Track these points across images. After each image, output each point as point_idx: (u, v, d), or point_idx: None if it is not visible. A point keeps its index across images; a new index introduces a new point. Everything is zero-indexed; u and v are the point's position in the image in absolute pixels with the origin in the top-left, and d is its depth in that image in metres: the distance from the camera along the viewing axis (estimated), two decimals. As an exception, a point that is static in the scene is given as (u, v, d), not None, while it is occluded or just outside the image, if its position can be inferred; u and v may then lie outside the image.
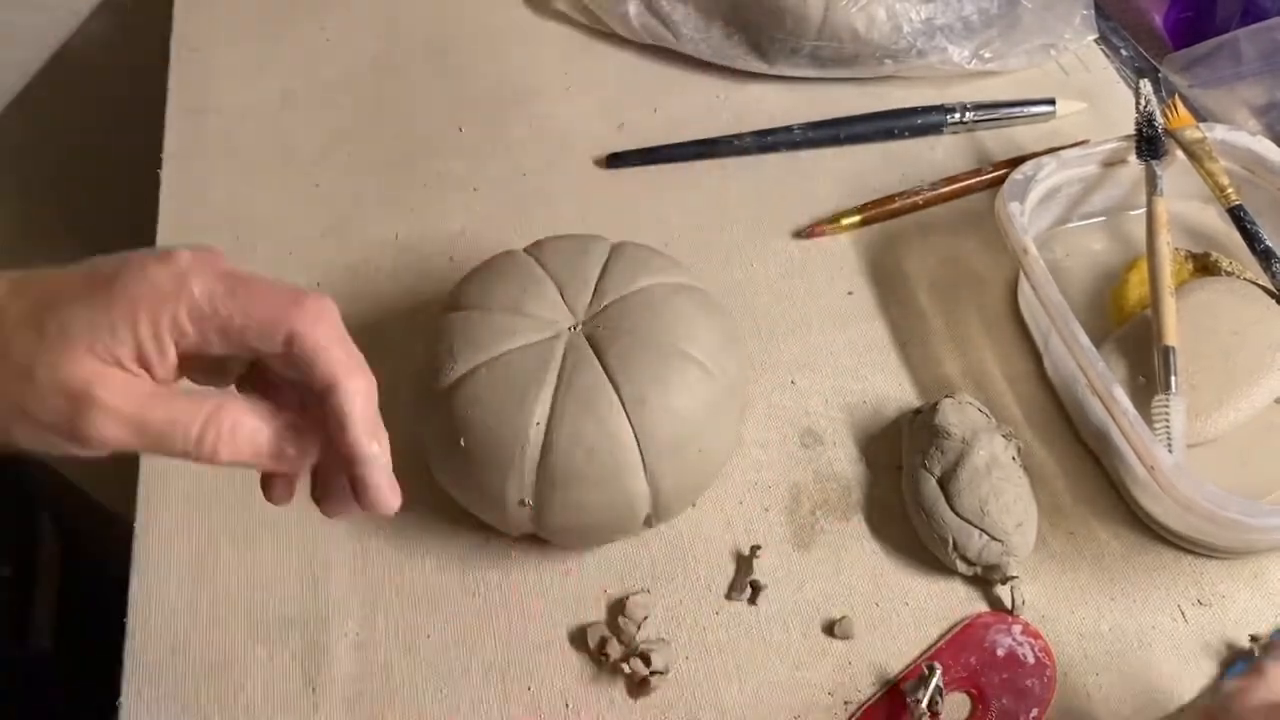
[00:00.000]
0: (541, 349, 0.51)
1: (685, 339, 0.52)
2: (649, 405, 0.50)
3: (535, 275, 0.54)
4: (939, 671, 0.49)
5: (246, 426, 0.36)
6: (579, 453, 0.49)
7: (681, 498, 0.53)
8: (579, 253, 0.55)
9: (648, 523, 0.53)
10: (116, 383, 0.35)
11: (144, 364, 0.35)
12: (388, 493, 0.37)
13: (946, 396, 0.56)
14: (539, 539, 0.55)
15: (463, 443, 0.50)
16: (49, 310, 0.35)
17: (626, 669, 0.51)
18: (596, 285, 0.54)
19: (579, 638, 0.52)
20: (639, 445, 0.50)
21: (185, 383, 0.38)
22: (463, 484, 0.53)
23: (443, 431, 0.51)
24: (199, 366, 0.38)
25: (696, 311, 0.54)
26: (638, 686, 0.51)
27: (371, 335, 0.57)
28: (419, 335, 0.56)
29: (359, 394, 0.37)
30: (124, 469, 0.59)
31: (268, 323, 0.36)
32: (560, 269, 0.55)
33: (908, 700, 0.49)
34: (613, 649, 0.51)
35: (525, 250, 0.56)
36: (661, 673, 0.51)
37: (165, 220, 0.69)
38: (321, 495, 0.40)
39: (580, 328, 0.53)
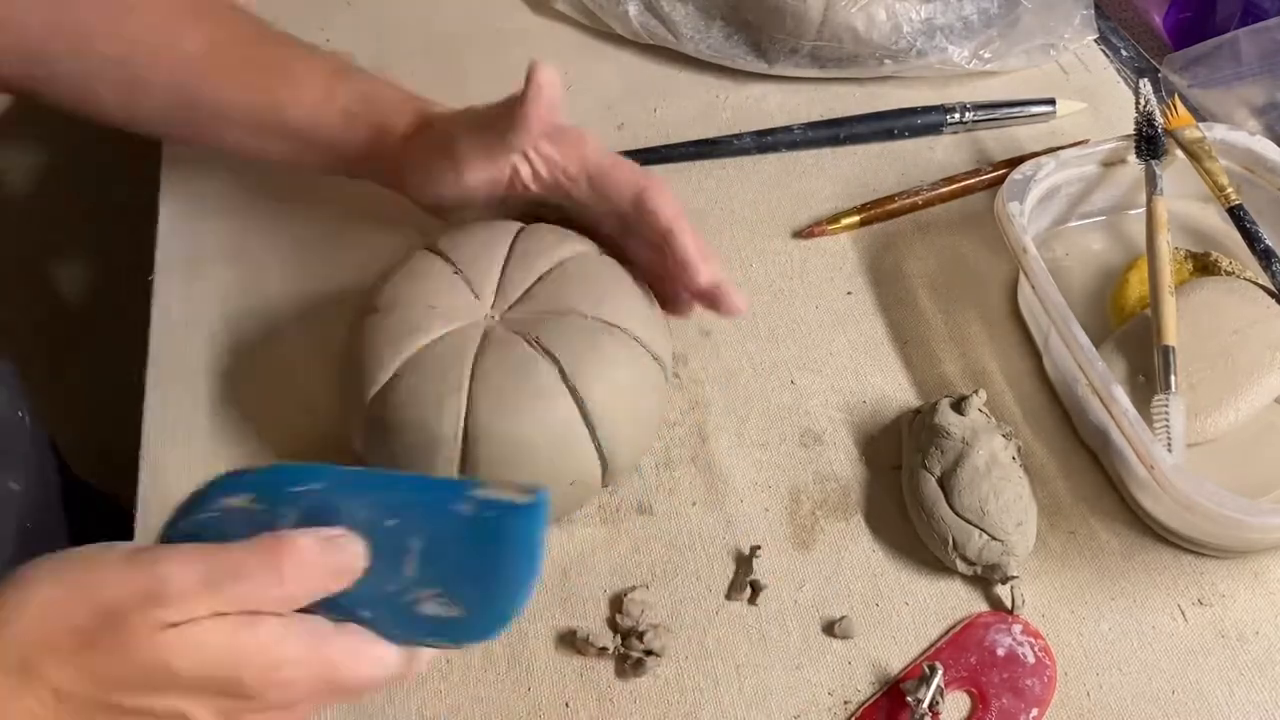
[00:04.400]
0: (455, 341, 0.52)
1: (609, 311, 0.53)
2: (585, 376, 0.51)
3: (443, 270, 0.55)
4: (940, 671, 0.49)
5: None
6: (510, 439, 0.50)
7: (631, 460, 0.54)
8: (485, 241, 0.56)
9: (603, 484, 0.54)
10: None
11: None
12: (735, 296, 0.54)
13: (974, 393, 0.56)
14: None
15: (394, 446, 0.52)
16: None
17: (621, 651, 0.51)
18: (504, 270, 0.55)
19: (579, 637, 0.52)
20: (584, 417, 0.51)
21: None
22: (341, 398, 0.55)
23: (373, 438, 0.53)
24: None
25: (609, 277, 0.55)
26: (631, 668, 0.51)
27: (371, 335, 0.57)
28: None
29: (688, 233, 0.54)
30: (125, 469, 0.59)
31: (627, 183, 0.55)
32: (468, 260, 0.55)
33: (908, 700, 0.49)
34: (610, 641, 0.51)
35: (428, 248, 0.57)
36: (656, 654, 0.51)
37: (165, 220, 0.69)
38: (671, 310, 0.57)
39: (496, 315, 0.53)
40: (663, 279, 0.56)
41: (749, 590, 0.54)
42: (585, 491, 0.54)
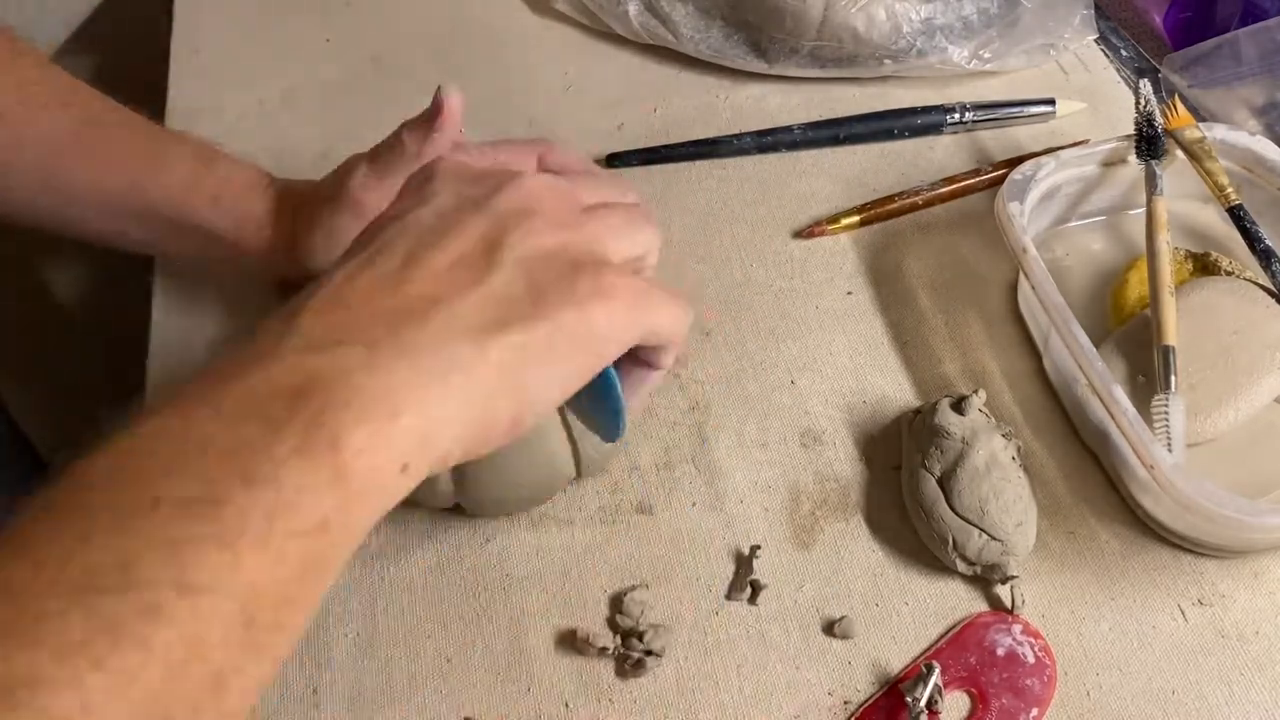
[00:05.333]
0: None
1: None
2: None
3: None
4: (937, 670, 0.49)
5: None
6: None
7: (604, 453, 0.54)
8: None
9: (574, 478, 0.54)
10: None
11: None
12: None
13: (974, 393, 0.56)
14: (540, 538, 0.55)
15: None
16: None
17: (621, 651, 0.51)
18: None
19: (578, 637, 0.52)
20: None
21: None
22: None
23: None
24: None
25: None
26: (631, 668, 0.51)
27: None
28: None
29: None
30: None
31: (524, 157, 0.55)
32: None
33: (906, 699, 0.49)
34: (609, 641, 0.51)
35: None
36: (656, 654, 0.51)
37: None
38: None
39: None
40: None
41: (749, 590, 0.54)
42: (557, 481, 0.54)
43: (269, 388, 0.32)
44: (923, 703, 0.49)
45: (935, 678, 0.49)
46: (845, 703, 0.51)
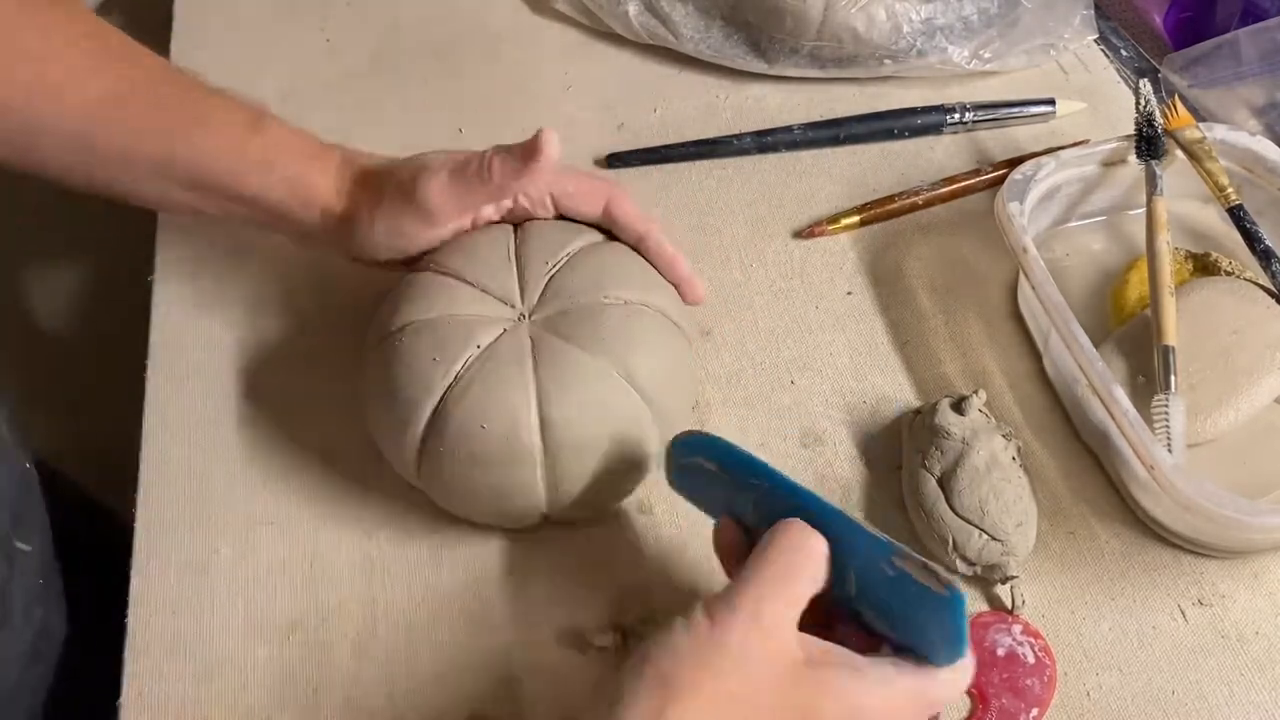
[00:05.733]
0: (504, 349, 0.52)
1: (630, 291, 0.54)
2: (631, 358, 0.51)
3: (453, 284, 0.55)
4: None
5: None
6: (474, 429, 0.50)
7: (679, 428, 0.53)
8: (485, 250, 0.56)
9: (545, 520, 0.54)
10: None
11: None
12: (699, 286, 0.58)
13: (974, 393, 0.56)
14: (540, 538, 0.55)
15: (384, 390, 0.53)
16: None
17: (621, 650, 0.51)
18: (519, 272, 0.55)
19: (579, 638, 0.52)
20: (543, 437, 0.50)
21: None
22: (377, 428, 0.55)
23: (432, 458, 0.52)
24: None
25: (619, 259, 0.56)
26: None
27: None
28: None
29: (659, 233, 0.57)
30: (124, 470, 0.59)
31: (592, 200, 0.57)
32: (476, 270, 0.55)
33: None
34: (610, 641, 0.51)
35: (423, 269, 0.56)
36: None
37: (165, 220, 0.69)
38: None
39: (530, 317, 0.53)
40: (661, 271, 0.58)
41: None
42: (647, 468, 0.54)
43: None
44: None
45: None
46: (845, 703, 0.51)
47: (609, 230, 0.58)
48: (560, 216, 0.58)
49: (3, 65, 0.53)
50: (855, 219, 0.69)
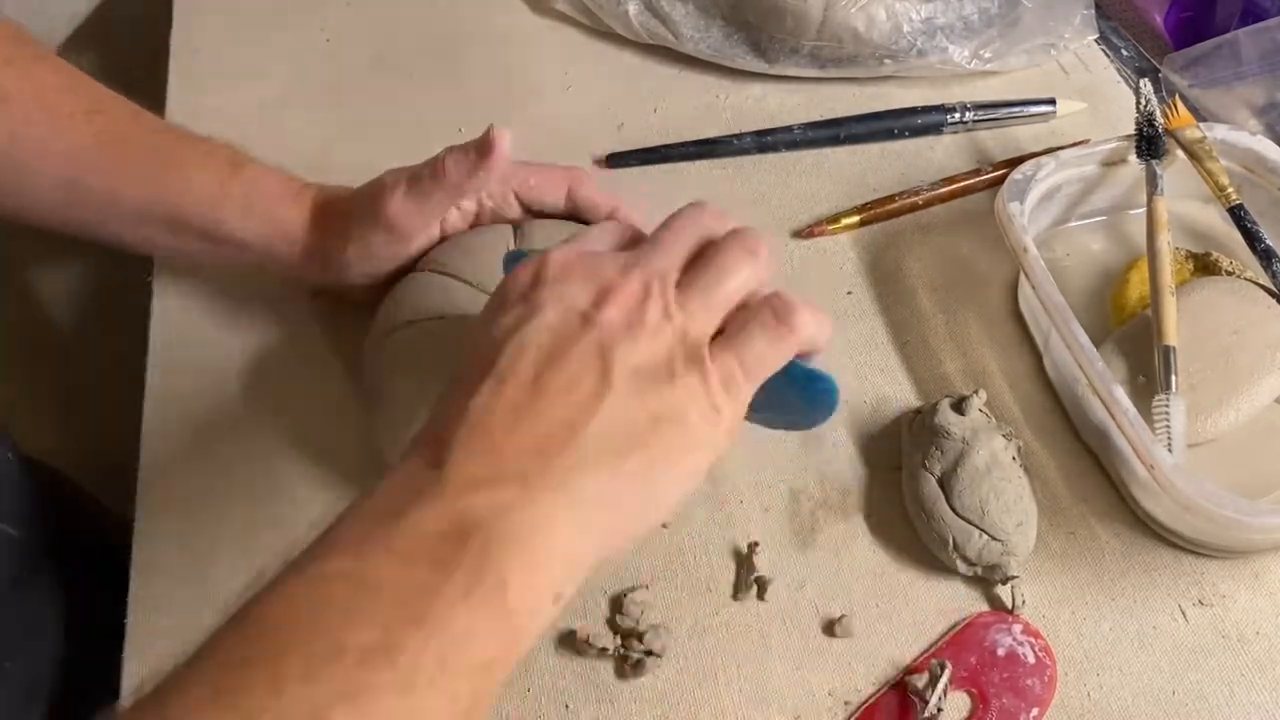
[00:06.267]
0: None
1: None
2: None
3: (455, 285, 0.55)
4: (949, 669, 0.49)
5: None
6: None
7: None
8: (484, 251, 0.56)
9: None
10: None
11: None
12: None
13: (974, 393, 0.56)
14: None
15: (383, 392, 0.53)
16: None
17: (621, 651, 0.51)
18: None
19: (578, 638, 0.52)
20: None
21: None
22: (377, 428, 0.55)
23: (372, 377, 0.52)
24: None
25: None
26: (631, 668, 0.51)
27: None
28: (419, 335, 0.56)
29: (625, 208, 0.59)
30: (124, 470, 0.59)
31: (555, 186, 0.58)
32: (477, 271, 0.55)
33: (913, 697, 0.49)
34: (610, 641, 0.51)
35: (423, 270, 0.56)
36: (656, 655, 0.51)
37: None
38: None
39: None
40: None
41: (755, 588, 0.54)
42: None
43: (435, 527, 0.34)
44: (932, 703, 0.49)
45: (946, 677, 0.49)
46: (845, 703, 0.51)
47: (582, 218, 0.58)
48: (529, 211, 0.58)
49: None
50: (855, 219, 0.69)
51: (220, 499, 0.57)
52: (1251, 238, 0.61)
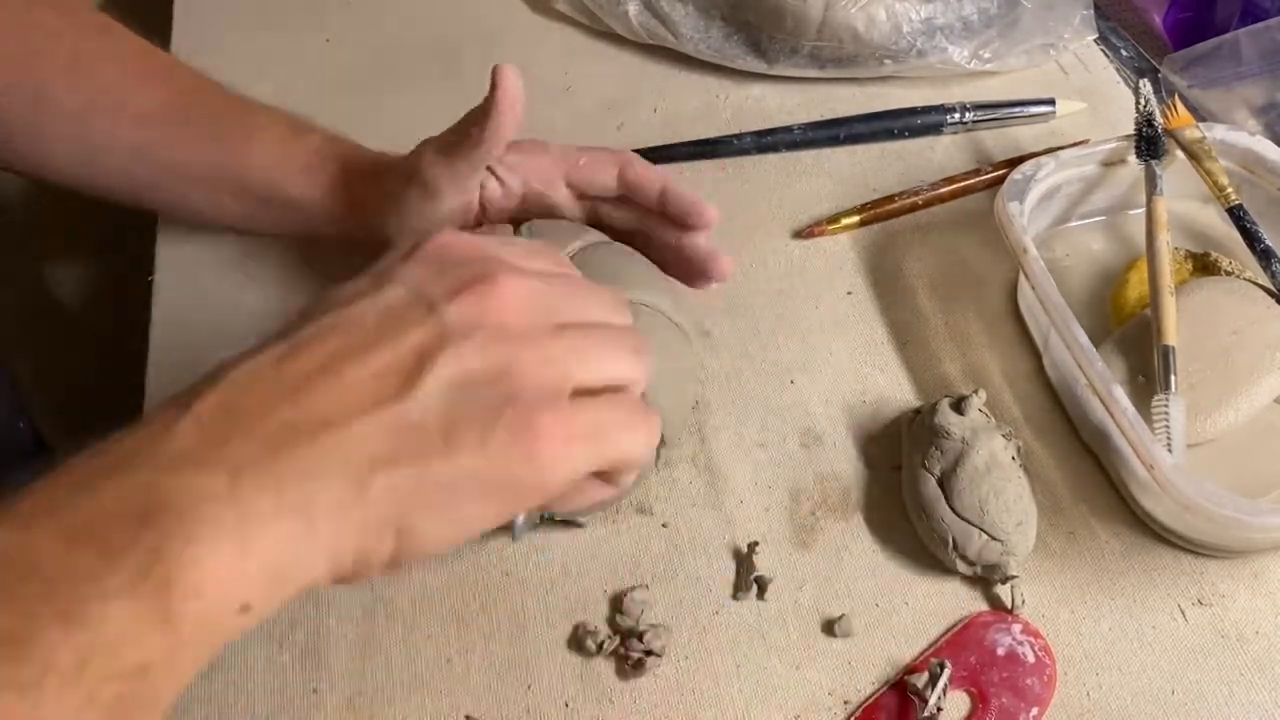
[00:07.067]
0: None
1: (633, 291, 0.53)
2: None
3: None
4: (949, 668, 0.49)
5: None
6: None
7: (679, 429, 0.54)
8: (559, 238, 0.56)
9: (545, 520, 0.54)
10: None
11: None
12: (725, 259, 0.56)
13: (974, 393, 0.56)
14: (540, 538, 0.55)
15: None
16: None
17: (621, 651, 0.51)
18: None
19: (578, 637, 0.52)
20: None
21: None
22: None
23: None
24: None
25: (622, 259, 0.56)
26: (632, 668, 0.51)
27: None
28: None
29: (679, 186, 0.56)
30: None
31: (607, 165, 0.56)
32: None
33: (913, 697, 0.49)
34: (609, 641, 0.51)
35: (516, 229, 0.56)
36: (656, 654, 0.51)
37: (165, 220, 0.69)
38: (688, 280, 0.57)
39: None
40: (670, 263, 0.57)
41: (755, 587, 0.54)
42: (646, 468, 0.54)
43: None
44: (932, 702, 0.49)
45: (946, 676, 0.49)
46: (845, 702, 0.51)
47: (614, 224, 0.58)
48: (581, 197, 0.57)
49: (66, 78, 0.56)
50: (855, 219, 0.69)
51: (220, 499, 0.57)
52: (1251, 238, 0.61)
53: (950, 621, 0.53)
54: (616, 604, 0.53)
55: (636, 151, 0.72)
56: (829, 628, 0.53)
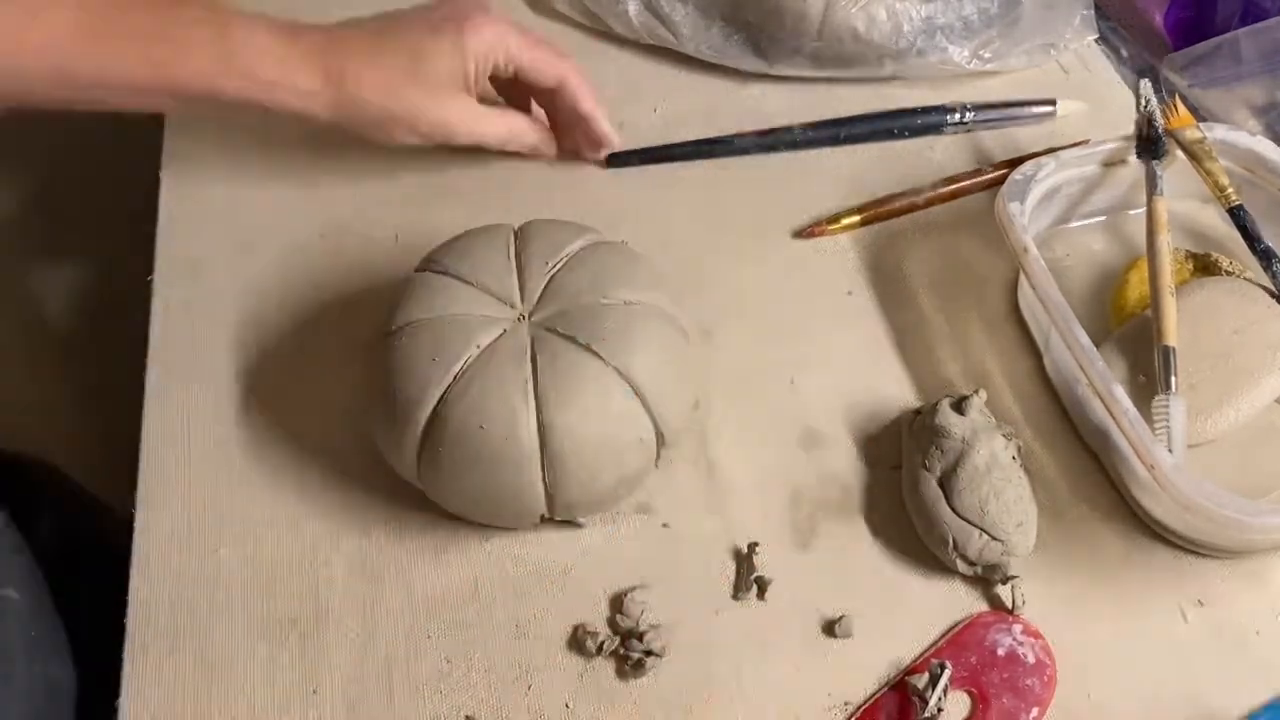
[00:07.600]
0: (504, 348, 0.52)
1: (629, 290, 0.54)
2: (628, 357, 0.52)
3: (454, 285, 0.55)
4: (949, 669, 0.49)
5: (528, 134, 0.69)
6: (473, 429, 0.50)
7: (679, 427, 0.54)
8: (484, 250, 0.56)
9: (545, 519, 0.54)
10: (466, 113, 0.64)
11: (470, 90, 0.64)
12: (610, 135, 0.70)
13: (974, 393, 0.56)
14: (540, 538, 0.55)
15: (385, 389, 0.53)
16: (420, 63, 0.62)
17: (621, 652, 0.51)
18: (519, 273, 0.55)
19: (578, 637, 0.52)
20: (542, 438, 0.50)
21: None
22: (377, 428, 0.55)
23: (431, 457, 0.52)
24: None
25: (618, 259, 0.56)
26: (632, 668, 0.51)
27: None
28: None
29: (601, 116, 0.69)
30: (125, 468, 0.59)
31: (550, 72, 0.66)
32: (476, 271, 0.55)
33: (914, 698, 0.49)
34: (609, 642, 0.51)
35: (423, 269, 0.57)
36: (656, 655, 0.51)
37: (165, 220, 0.69)
38: (567, 153, 0.71)
39: (529, 316, 0.53)
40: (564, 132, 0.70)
41: (755, 588, 0.54)
42: (647, 468, 0.54)
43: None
44: (932, 703, 0.49)
45: (946, 677, 0.49)
46: (845, 703, 0.51)
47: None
48: (523, 87, 0.68)
49: None
50: (855, 219, 0.69)
51: (220, 498, 0.57)
52: (1251, 238, 0.61)
53: (950, 622, 0.53)
54: (616, 604, 0.53)
55: (636, 151, 0.72)
56: (829, 628, 0.53)
